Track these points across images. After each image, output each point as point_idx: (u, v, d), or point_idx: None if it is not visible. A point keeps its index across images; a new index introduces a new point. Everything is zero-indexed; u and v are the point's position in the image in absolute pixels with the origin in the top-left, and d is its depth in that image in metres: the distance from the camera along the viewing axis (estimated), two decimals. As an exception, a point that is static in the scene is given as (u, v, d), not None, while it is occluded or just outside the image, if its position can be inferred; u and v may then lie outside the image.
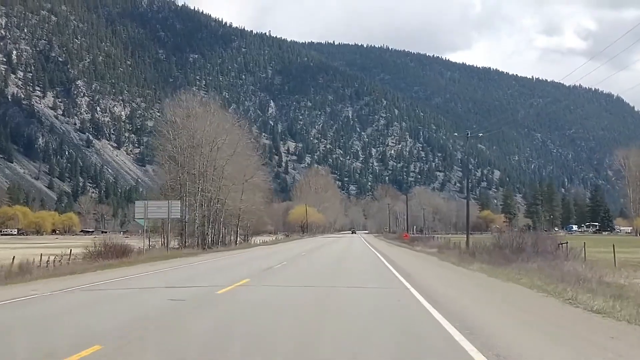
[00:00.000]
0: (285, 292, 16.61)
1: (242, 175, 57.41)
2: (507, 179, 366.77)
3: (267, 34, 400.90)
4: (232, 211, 56.15)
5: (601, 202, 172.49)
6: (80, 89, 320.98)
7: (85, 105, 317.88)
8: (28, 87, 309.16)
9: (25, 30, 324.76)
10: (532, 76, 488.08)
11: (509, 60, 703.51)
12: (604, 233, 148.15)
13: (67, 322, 11.43)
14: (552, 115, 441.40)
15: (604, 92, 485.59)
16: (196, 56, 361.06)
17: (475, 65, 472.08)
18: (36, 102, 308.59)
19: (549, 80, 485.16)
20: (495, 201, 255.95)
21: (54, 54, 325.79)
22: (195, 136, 49.24)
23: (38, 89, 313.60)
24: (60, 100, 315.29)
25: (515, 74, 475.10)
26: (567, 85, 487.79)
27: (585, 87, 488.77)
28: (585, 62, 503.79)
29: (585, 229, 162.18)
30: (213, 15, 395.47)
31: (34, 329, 10.49)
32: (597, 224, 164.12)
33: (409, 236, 62.59)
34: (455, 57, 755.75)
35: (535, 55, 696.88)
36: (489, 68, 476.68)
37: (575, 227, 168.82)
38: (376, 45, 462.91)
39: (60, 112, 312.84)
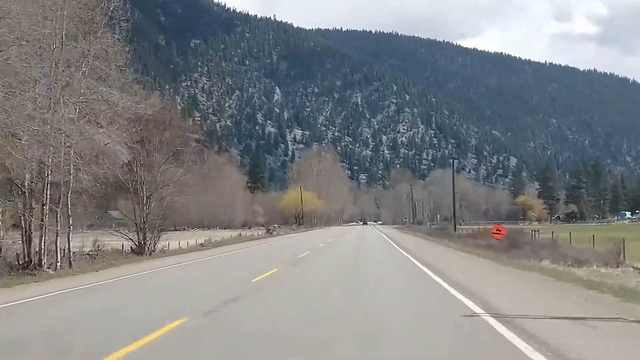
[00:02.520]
0: None
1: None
2: (524, 165, 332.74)
3: (272, 18, 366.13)
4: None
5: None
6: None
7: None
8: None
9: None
10: (546, 61, 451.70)
11: (519, 49, 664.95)
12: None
13: None
14: (567, 101, 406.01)
15: (620, 76, 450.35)
16: (198, 41, 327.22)
17: (487, 51, 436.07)
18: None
19: (562, 65, 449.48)
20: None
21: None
22: None
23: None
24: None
25: (528, 59, 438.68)
26: (582, 69, 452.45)
27: (600, 72, 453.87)
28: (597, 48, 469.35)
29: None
30: (216, 0, 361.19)
31: None
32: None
33: (505, 231, 25.83)
34: (466, 44, 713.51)
35: (545, 42, 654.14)
36: (501, 53, 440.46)
37: (628, 214, 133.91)
38: (385, 32, 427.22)
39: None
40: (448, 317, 9.93)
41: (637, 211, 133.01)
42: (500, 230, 23.83)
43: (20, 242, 20.50)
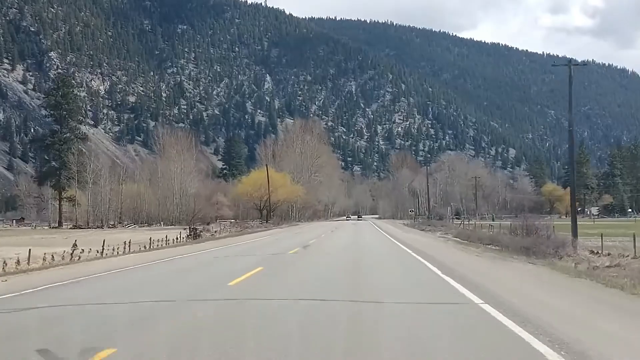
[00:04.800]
0: None
1: None
2: (523, 157, 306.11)
3: (263, 3, 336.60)
4: None
5: None
6: (53, 62, 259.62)
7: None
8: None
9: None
10: (543, 51, 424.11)
11: (515, 41, 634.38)
12: None
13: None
14: (565, 92, 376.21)
15: (618, 67, 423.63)
16: (185, 27, 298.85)
17: (483, 41, 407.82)
18: (3, 75, 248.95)
19: (560, 55, 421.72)
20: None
21: (25, 24, 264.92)
22: None
23: (6, 61, 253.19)
24: (30, 73, 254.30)
25: (525, 50, 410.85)
26: (579, 60, 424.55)
27: (599, 63, 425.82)
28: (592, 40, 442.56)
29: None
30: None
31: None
32: None
33: None
34: (462, 35, 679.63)
35: (542, 34, 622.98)
36: (498, 44, 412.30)
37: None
38: (380, 21, 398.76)
39: (30, 86, 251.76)
40: None
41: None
42: None
43: None
